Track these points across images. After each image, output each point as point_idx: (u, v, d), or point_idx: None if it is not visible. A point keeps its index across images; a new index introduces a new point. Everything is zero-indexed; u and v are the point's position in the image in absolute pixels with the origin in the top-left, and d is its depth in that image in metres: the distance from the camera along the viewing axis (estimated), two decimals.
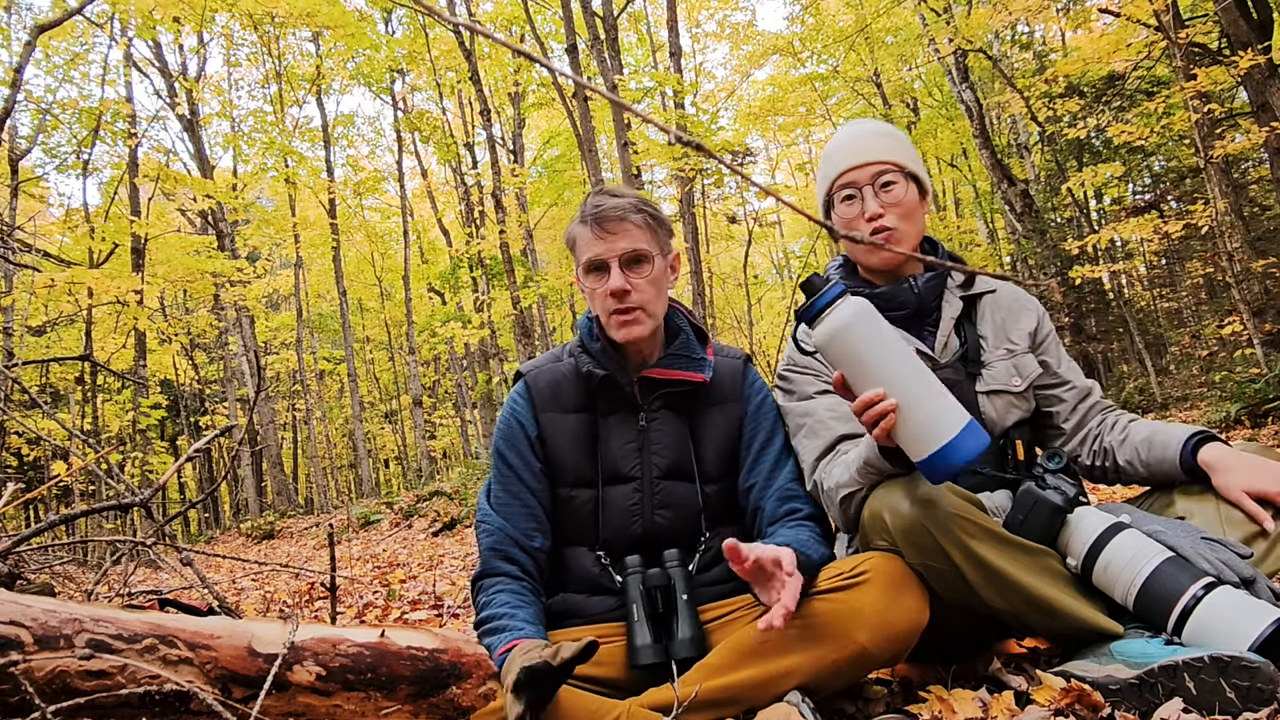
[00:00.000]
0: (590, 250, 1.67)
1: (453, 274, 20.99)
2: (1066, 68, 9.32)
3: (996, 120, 15.13)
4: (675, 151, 11.54)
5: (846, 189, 1.77)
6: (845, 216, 1.77)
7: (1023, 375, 1.76)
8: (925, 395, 1.39)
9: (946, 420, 1.38)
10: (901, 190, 1.74)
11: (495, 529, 1.68)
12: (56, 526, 2.17)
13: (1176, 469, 1.63)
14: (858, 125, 1.86)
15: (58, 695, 1.02)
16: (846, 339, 1.39)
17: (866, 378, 1.39)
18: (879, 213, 1.73)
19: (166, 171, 14.15)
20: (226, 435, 17.33)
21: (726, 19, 18.27)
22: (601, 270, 1.68)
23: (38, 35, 6.91)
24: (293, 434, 25.28)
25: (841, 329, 1.39)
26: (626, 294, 1.65)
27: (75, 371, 14.81)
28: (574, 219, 1.74)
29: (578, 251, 1.72)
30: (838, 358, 1.42)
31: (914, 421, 1.38)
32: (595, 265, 1.68)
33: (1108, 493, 4.36)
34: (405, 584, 4.62)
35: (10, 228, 10.28)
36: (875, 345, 1.39)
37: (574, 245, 1.74)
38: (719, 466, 1.75)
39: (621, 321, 1.67)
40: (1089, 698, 1.34)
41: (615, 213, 1.67)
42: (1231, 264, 7.68)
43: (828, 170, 1.82)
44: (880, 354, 1.39)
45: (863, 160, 1.75)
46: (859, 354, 1.39)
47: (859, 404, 1.40)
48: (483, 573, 1.66)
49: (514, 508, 1.70)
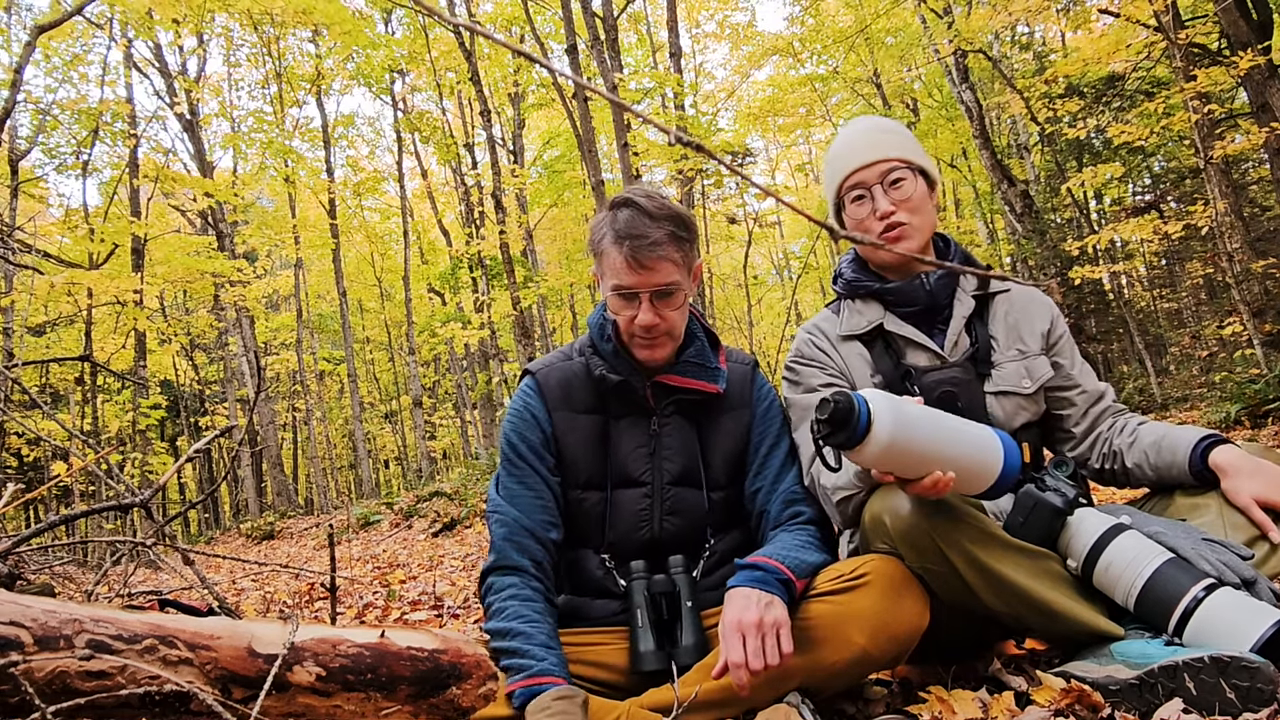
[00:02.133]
0: (621, 278, 1.62)
1: (452, 274, 20.99)
2: (1066, 68, 9.31)
3: (996, 121, 15.14)
4: (675, 152, 11.54)
5: (856, 189, 1.76)
6: (857, 216, 1.77)
7: (1033, 377, 1.75)
8: (968, 447, 1.42)
9: (991, 459, 1.43)
10: (911, 186, 1.74)
11: (510, 519, 1.64)
12: (56, 527, 2.17)
13: (1185, 473, 1.62)
14: (860, 124, 1.86)
15: (58, 696, 1.02)
16: (896, 444, 1.35)
17: (921, 466, 1.38)
18: (890, 210, 1.72)
19: (166, 172, 14.15)
20: (226, 436, 17.33)
21: (726, 19, 18.28)
22: (632, 300, 1.64)
23: (37, 35, 6.91)
24: (293, 434, 25.28)
25: (891, 439, 1.34)
26: (656, 326, 1.64)
27: (75, 372, 14.81)
28: (605, 227, 1.65)
29: (604, 265, 1.67)
30: (888, 463, 1.38)
31: (965, 477, 1.41)
32: (626, 294, 1.64)
33: (1107, 493, 4.36)
34: (405, 584, 4.62)
35: (10, 228, 10.27)
36: (920, 430, 1.38)
37: (601, 256, 1.68)
38: (726, 473, 1.75)
39: (645, 345, 1.67)
40: (1089, 698, 1.34)
41: (654, 251, 1.60)
42: (1231, 264, 7.68)
43: (835, 171, 1.81)
44: (925, 438, 1.38)
45: (870, 159, 1.74)
46: (912, 450, 1.37)
47: (917, 490, 1.39)
48: (495, 565, 1.62)
49: (526, 498, 1.67)
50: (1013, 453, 1.45)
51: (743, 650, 1.38)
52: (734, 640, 1.39)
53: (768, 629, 1.39)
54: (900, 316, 1.77)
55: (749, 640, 1.38)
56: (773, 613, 1.41)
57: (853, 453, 1.37)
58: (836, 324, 1.83)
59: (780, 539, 1.62)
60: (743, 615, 1.40)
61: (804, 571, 1.51)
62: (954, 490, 1.42)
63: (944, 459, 1.38)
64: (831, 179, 1.82)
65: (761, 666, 1.37)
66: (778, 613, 1.41)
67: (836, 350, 1.80)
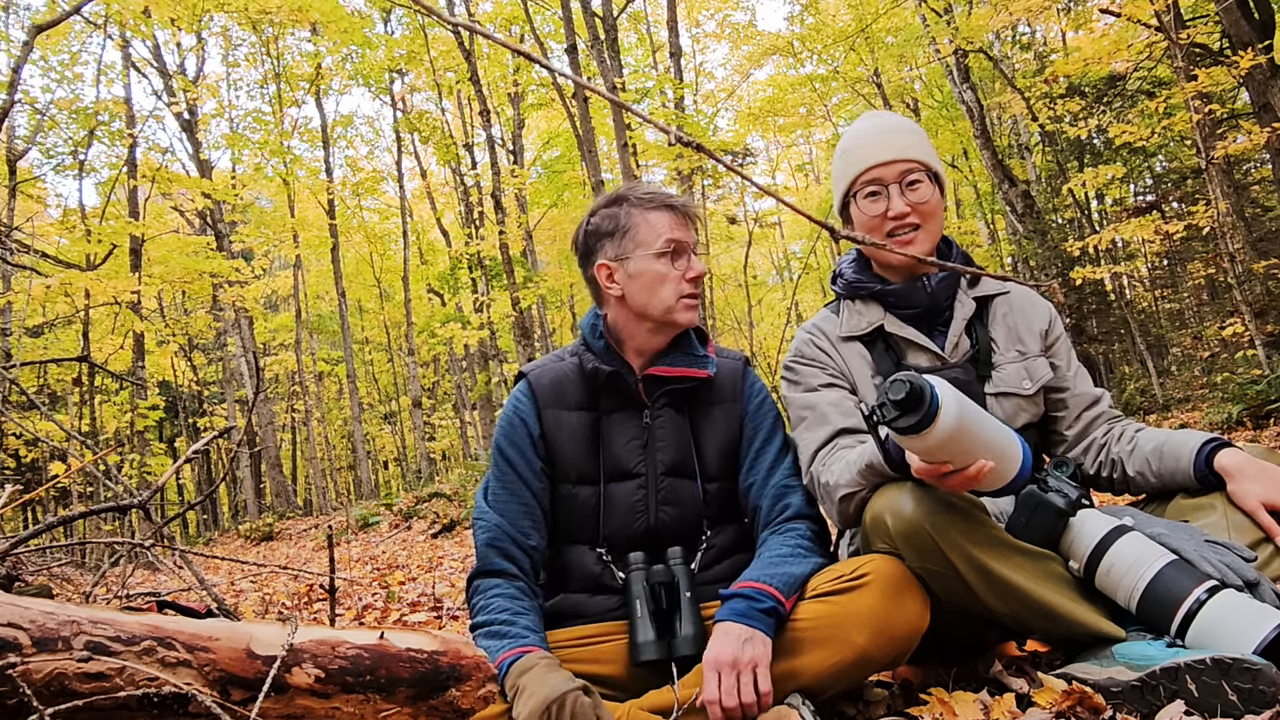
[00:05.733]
0: (674, 233, 1.70)
1: (452, 275, 21.00)
2: (1067, 68, 9.31)
3: (997, 121, 15.14)
4: (673, 153, 11.55)
5: (872, 185, 1.75)
6: (869, 212, 1.75)
7: (1033, 378, 1.75)
8: (1003, 442, 1.43)
9: (1015, 454, 1.44)
10: (927, 191, 1.73)
11: (491, 525, 1.68)
12: (55, 528, 2.17)
13: (1190, 478, 1.61)
14: (881, 120, 1.83)
15: (56, 697, 1.02)
16: (958, 434, 1.34)
17: (969, 456, 1.37)
18: (905, 211, 1.72)
19: (164, 172, 14.12)
20: (225, 437, 17.32)
21: (726, 19, 18.26)
22: (681, 255, 1.71)
23: (35, 35, 6.91)
24: (291, 435, 25.28)
25: (955, 428, 1.32)
26: (702, 275, 1.73)
27: (73, 373, 14.80)
28: (619, 206, 1.74)
29: (643, 234, 1.70)
30: (941, 451, 1.36)
31: (996, 473, 1.42)
32: (678, 249, 1.71)
33: (1107, 494, 4.34)
34: (404, 586, 4.61)
35: (8, 228, 10.27)
36: (974, 422, 1.37)
37: (628, 230, 1.71)
38: (719, 465, 1.76)
39: (691, 304, 1.72)
40: (1090, 700, 1.33)
41: (690, 206, 1.75)
42: (1233, 265, 7.68)
43: (852, 164, 1.78)
44: (978, 428, 1.38)
45: (891, 157, 1.73)
46: (967, 440, 1.36)
47: (959, 480, 1.38)
48: (479, 570, 1.66)
49: (511, 505, 1.70)
50: (1028, 451, 1.47)
51: (717, 689, 1.40)
52: (710, 677, 1.42)
53: (744, 667, 1.41)
54: (901, 318, 1.76)
55: (724, 678, 1.40)
56: (749, 651, 1.42)
57: (916, 437, 1.33)
58: (837, 324, 1.83)
59: (770, 545, 1.63)
60: (719, 653, 1.42)
61: (793, 587, 1.52)
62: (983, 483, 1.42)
63: (989, 449, 1.39)
64: (845, 170, 1.80)
65: (735, 705, 1.39)
66: (756, 650, 1.42)
67: (837, 350, 1.80)
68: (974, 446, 1.37)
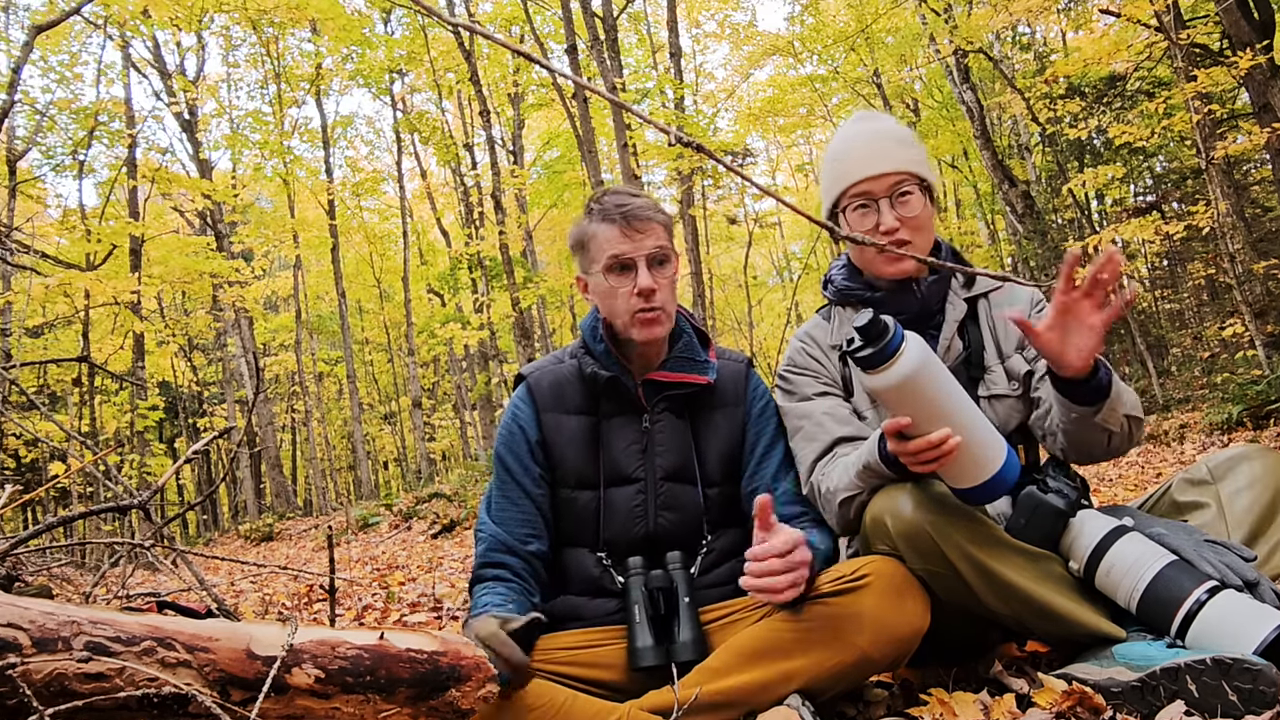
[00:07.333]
0: (616, 248, 1.65)
1: (452, 275, 20.99)
2: (1067, 68, 9.31)
3: (997, 121, 15.13)
4: (674, 153, 11.55)
5: (861, 198, 1.71)
6: (858, 227, 1.71)
7: (1015, 377, 1.73)
8: (980, 429, 1.40)
9: (994, 451, 1.41)
10: (918, 203, 1.70)
11: (489, 535, 1.69)
12: (55, 528, 2.16)
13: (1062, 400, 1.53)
14: (870, 126, 1.78)
15: (56, 698, 1.02)
16: (916, 383, 1.34)
17: (931, 419, 1.36)
18: (895, 226, 1.68)
19: (164, 172, 14.11)
20: (225, 437, 17.32)
21: (727, 19, 18.25)
22: (628, 269, 1.65)
23: (35, 35, 6.91)
24: (291, 436, 25.28)
25: (912, 374, 1.33)
26: (654, 293, 1.64)
27: (73, 373, 14.79)
28: (585, 218, 1.71)
29: (594, 249, 1.69)
30: (900, 401, 1.37)
31: (967, 457, 1.39)
32: (622, 264, 1.65)
33: (1109, 493, 4.36)
34: (404, 586, 4.61)
35: (8, 229, 10.27)
36: (940, 385, 1.37)
37: (587, 244, 1.71)
38: (720, 470, 1.75)
39: (646, 320, 1.66)
40: (1091, 700, 1.33)
41: (642, 212, 1.65)
42: (1233, 265, 7.68)
43: (839, 174, 1.75)
44: (944, 393, 1.37)
45: (880, 170, 1.69)
46: (927, 396, 1.36)
47: (921, 444, 1.36)
48: (475, 579, 1.67)
49: (510, 513, 1.70)
50: (1013, 461, 1.44)
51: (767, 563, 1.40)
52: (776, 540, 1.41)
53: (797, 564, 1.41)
54: None
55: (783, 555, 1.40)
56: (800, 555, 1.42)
57: (875, 372, 1.35)
58: (829, 331, 1.82)
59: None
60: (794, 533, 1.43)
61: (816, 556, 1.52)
62: (951, 471, 1.41)
63: (956, 423, 1.37)
64: (834, 182, 1.77)
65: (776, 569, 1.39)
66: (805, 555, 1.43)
67: (829, 358, 1.79)
68: (938, 411, 1.36)
